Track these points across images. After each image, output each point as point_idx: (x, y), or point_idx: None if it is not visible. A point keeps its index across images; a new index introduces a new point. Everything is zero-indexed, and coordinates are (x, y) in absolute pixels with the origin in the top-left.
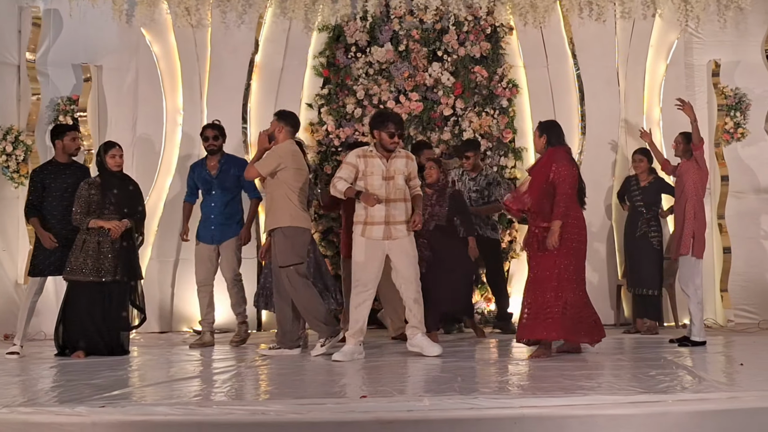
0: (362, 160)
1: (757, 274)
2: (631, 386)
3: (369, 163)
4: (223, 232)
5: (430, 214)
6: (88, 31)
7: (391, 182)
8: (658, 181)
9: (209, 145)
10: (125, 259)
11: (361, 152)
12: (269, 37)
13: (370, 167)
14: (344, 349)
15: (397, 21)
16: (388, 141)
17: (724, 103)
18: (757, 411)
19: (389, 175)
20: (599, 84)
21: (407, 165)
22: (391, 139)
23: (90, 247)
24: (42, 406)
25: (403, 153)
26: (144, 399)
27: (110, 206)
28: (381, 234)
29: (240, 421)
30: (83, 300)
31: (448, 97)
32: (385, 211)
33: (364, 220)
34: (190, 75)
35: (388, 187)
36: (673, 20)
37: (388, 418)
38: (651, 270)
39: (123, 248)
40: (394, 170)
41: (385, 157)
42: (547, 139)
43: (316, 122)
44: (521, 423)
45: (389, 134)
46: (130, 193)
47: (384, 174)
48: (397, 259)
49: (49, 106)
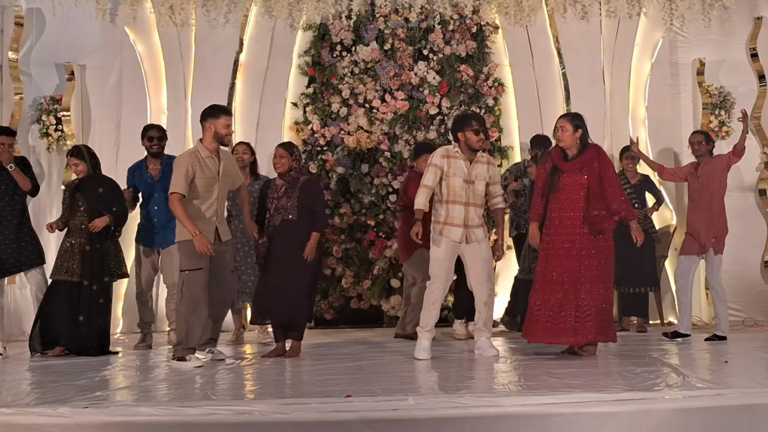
0: (446, 161)
1: (742, 272)
2: (616, 384)
3: (452, 164)
4: (165, 236)
5: (275, 208)
6: (71, 31)
7: (471, 186)
8: (646, 181)
9: (153, 146)
10: (89, 262)
11: (445, 152)
12: (254, 36)
13: (453, 168)
14: (423, 346)
15: (383, 20)
16: (474, 139)
17: (709, 101)
18: (741, 408)
19: (470, 178)
20: (585, 83)
21: (488, 170)
22: (477, 136)
23: (64, 248)
24: (24, 407)
25: (485, 158)
26: (127, 399)
27: (81, 209)
28: (459, 236)
29: (224, 421)
30: (59, 298)
31: (433, 96)
32: (464, 213)
33: (444, 220)
34: (174, 74)
35: (468, 191)
36: (658, 19)
37: (373, 417)
38: (641, 268)
39: (88, 252)
40: (475, 174)
41: (469, 160)
42: (583, 132)
43: (301, 121)
44: (506, 421)
45: (474, 132)
46: (99, 195)
47: (465, 177)
48: (471, 261)
49: (32, 106)
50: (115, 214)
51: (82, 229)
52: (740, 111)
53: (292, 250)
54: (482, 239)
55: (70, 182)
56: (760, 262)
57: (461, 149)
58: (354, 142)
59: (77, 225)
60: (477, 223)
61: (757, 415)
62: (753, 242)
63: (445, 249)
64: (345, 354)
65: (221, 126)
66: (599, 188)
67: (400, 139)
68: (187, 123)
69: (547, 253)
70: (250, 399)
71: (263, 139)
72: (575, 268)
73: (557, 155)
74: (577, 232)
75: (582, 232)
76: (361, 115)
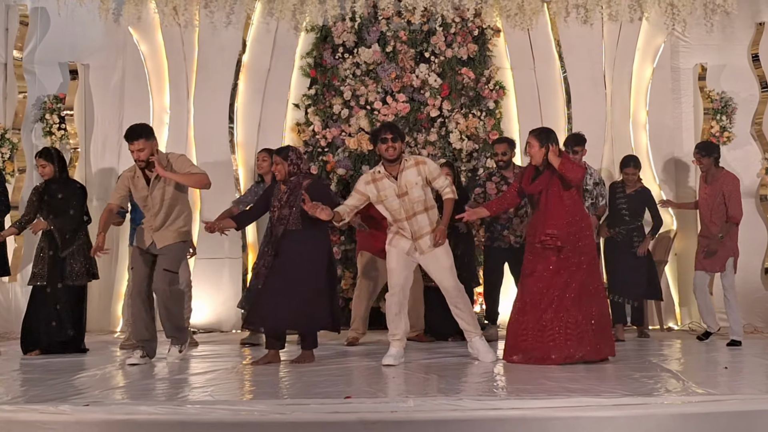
0: (373, 186)
1: (742, 278)
2: (615, 389)
3: (380, 187)
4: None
5: (278, 218)
6: (75, 30)
7: (406, 198)
8: (644, 191)
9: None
10: (53, 266)
11: (370, 177)
12: (257, 37)
13: (382, 190)
14: (391, 353)
15: (385, 22)
16: (383, 149)
17: (710, 106)
18: (740, 414)
19: (402, 191)
20: (586, 87)
21: (420, 172)
22: (385, 144)
23: (36, 253)
24: (26, 404)
25: (412, 161)
26: (127, 398)
27: (45, 211)
28: (407, 248)
29: (224, 420)
30: (35, 302)
31: (434, 99)
32: (411, 227)
33: (394, 232)
34: (177, 74)
35: (406, 204)
36: (659, 24)
37: (371, 418)
38: (635, 279)
39: (51, 257)
40: (405, 184)
41: (393, 175)
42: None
43: (302, 122)
44: (505, 425)
45: (382, 141)
46: (59, 201)
47: (396, 191)
48: (431, 269)
49: (35, 105)
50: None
51: (45, 233)
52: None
53: (297, 260)
54: (430, 247)
55: (38, 185)
56: (761, 269)
57: (383, 166)
58: (355, 143)
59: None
60: (426, 231)
61: (755, 422)
62: (753, 248)
63: (396, 259)
64: (344, 355)
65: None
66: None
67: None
68: (190, 123)
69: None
70: (249, 399)
71: (264, 139)
72: (564, 285)
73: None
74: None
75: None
76: (363, 117)
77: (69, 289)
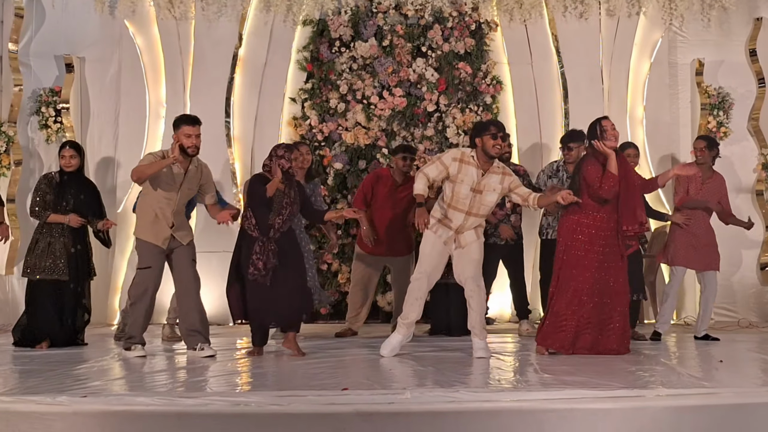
0: (457, 164)
1: (737, 273)
2: (610, 381)
3: (463, 170)
4: None
5: (289, 215)
6: (70, 23)
7: (479, 196)
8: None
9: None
10: (75, 263)
11: (460, 155)
12: (253, 30)
13: (463, 174)
14: (392, 342)
15: (381, 16)
16: (491, 144)
17: (708, 102)
18: (734, 407)
19: (478, 188)
20: (583, 82)
21: (502, 181)
22: (494, 141)
23: (40, 247)
24: (23, 396)
25: (501, 169)
26: (125, 389)
27: (66, 206)
28: (446, 237)
29: (221, 411)
30: (44, 296)
31: (431, 93)
32: (462, 221)
33: (439, 219)
34: (173, 68)
35: (474, 200)
36: (657, 19)
37: (368, 410)
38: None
39: (76, 252)
40: (485, 184)
41: (483, 169)
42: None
43: (299, 117)
44: (501, 416)
45: (492, 136)
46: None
47: (473, 185)
48: (462, 261)
49: (31, 98)
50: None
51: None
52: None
53: (297, 251)
54: (471, 242)
55: (51, 175)
56: (756, 264)
57: (477, 155)
58: (352, 138)
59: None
60: (469, 229)
61: (750, 415)
62: (749, 243)
63: (432, 245)
64: (340, 348)
65: (183, 136)
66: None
67: (398, 135)
68: None
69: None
70: (246, 390)
71: (261, 133)
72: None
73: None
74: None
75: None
76: (359, 112)
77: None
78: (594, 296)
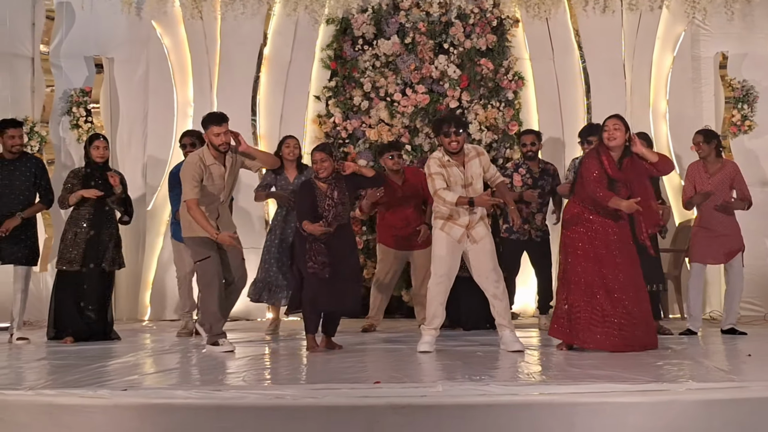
0: (444, 170)
1: (763, 267)
2: (638, 375)
3: (449, 173)
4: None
5: (334, 216)
6: (99, 24)
7: (470, 189)
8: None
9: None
10: (92, 248)
11: (439, 161)
12: (278, 29)
13: (449, 175)
14: (426, 340)
15: (404, 14)
16: (447, 142)
17: (732, 95)
18: (763, 401)
19: (468, 182)
20: (605, 76)
21: (481, 162)
22: (448, 138)
23: (68, 237)
24: (65, 389)
25: (474, 151)
26: (163, 383)
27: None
28: (459, 235)
29: (257, 404)
30: (67, 288)
31: (454, 90)
32: (468, 216)
33: (447, 217)
34: (200, 67)
35: (469, 194)
36: (680, 12)
37: (400, 403)
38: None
39: (91, 237)
40: (471, 175)
41: (462, 164)
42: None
43: (323, 114)
44: (531, 409)
45: (445, 134)
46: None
47: (463, 182)
48: (474, 257)
49: (62, 98)
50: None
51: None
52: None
53: (350, 249)
54: (484, 236)
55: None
56: None
57: (448, 155)
58: (375, 135)
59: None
60: (477, 220)
61: None
62: None
63: (446, 246)
64: (366, 343)
65: (212, 135)
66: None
67: (421, 132)
68: None
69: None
70: (282, 384)
71: (286, 131)
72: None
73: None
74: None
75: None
76: (383, 109)
77: (102, 273)
78: (601, 288)
